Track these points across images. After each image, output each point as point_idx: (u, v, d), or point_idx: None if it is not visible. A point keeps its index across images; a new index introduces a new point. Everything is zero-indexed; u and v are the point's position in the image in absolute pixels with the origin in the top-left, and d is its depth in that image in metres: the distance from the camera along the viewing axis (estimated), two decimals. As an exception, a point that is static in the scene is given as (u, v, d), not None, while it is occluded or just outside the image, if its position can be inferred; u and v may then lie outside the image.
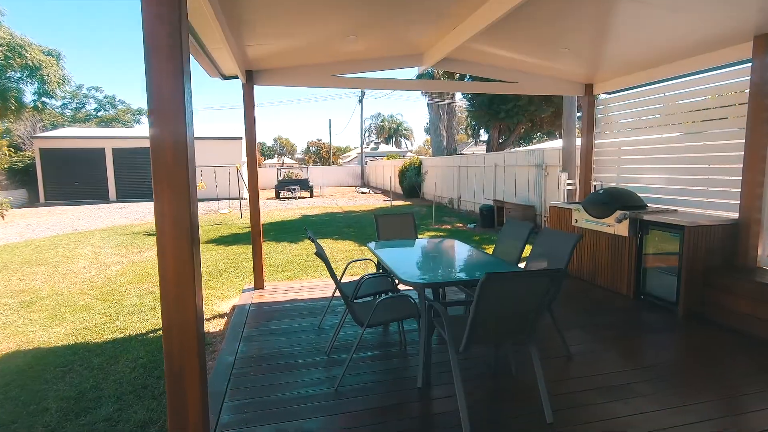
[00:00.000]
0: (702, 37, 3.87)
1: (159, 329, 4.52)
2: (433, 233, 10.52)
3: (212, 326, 4.55)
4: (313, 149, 57.79)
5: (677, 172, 4.79)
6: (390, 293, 3.54)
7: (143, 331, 4.47)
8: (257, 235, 4.99)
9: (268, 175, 30.66)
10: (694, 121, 4.58)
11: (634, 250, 4.47)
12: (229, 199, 18.98)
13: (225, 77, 4.87)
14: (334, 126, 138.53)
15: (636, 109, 5.33)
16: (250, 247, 5.22)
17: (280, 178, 24.42)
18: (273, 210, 16.54)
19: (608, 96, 5.75)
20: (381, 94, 65.70)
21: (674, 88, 4.77)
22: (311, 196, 23.14)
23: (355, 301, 3.37)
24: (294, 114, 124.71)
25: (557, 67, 5.24)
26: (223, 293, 5.75)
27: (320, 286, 5.21)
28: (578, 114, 8.47)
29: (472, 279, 2.77)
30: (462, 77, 15.84)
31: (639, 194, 4.79)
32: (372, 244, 4.00)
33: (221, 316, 4.85)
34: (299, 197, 22.24)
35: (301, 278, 6.29)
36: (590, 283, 5.13)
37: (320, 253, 2.75)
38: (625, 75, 5.23)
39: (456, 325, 2.57)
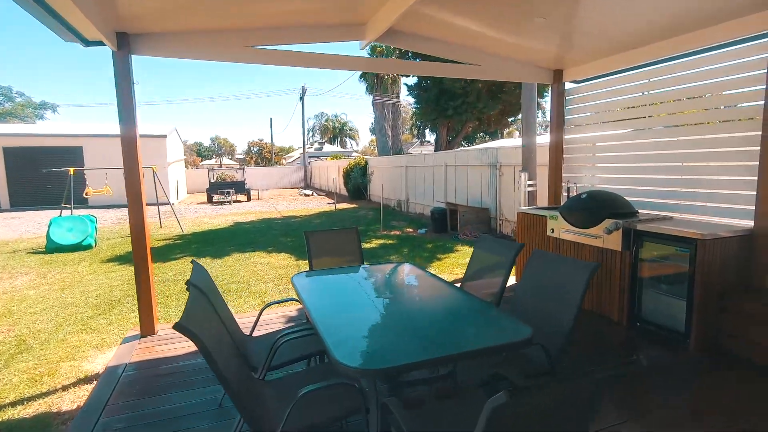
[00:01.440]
0: (709, 5, 3.11)
1: (-18, 411, 3.02)
2: (382, 241, 9.46)
3: (69, 400, 3.13)
4: (255, 150, 54.76)
5: (669, 171, 4.06)
6: (324, 358, 2.40)
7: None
8: (142, 260, 3.63)
9: (202, 178, 28.06)
10: (693, 111, 3.87)
11: (627, 268, 3.66)
12: (148, 205, 16.70)
13: (87, 42, 3.44)
14: (276, 125, 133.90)
15: (615, 98, 4.57)
16: (163, 265, 3.80)
17: (212, 181, 22.17)
18: (201, 217, 14.65)
19: (581, 84, 4.98)
20: (324, 88, 63.45)
21: (663, 72, 4.03)
22: (249, 199, 21.22)
23: (267, 374, 2.19)
24: (233, 112, 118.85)
25: (524, 44, 4.36)
26: (106, 339, 4.28)
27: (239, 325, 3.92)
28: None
29: (453, 354, 1.69)
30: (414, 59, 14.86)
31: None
32: (299, 278, 2.83)
33: (89, 380, 3.42)
34: (234, 201, 20.28)
35: (217, 310, 4.93)
36: (570, 304, 4.29)
37: (183, 325, 1.53)
38: (602, 57, 4.45)
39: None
